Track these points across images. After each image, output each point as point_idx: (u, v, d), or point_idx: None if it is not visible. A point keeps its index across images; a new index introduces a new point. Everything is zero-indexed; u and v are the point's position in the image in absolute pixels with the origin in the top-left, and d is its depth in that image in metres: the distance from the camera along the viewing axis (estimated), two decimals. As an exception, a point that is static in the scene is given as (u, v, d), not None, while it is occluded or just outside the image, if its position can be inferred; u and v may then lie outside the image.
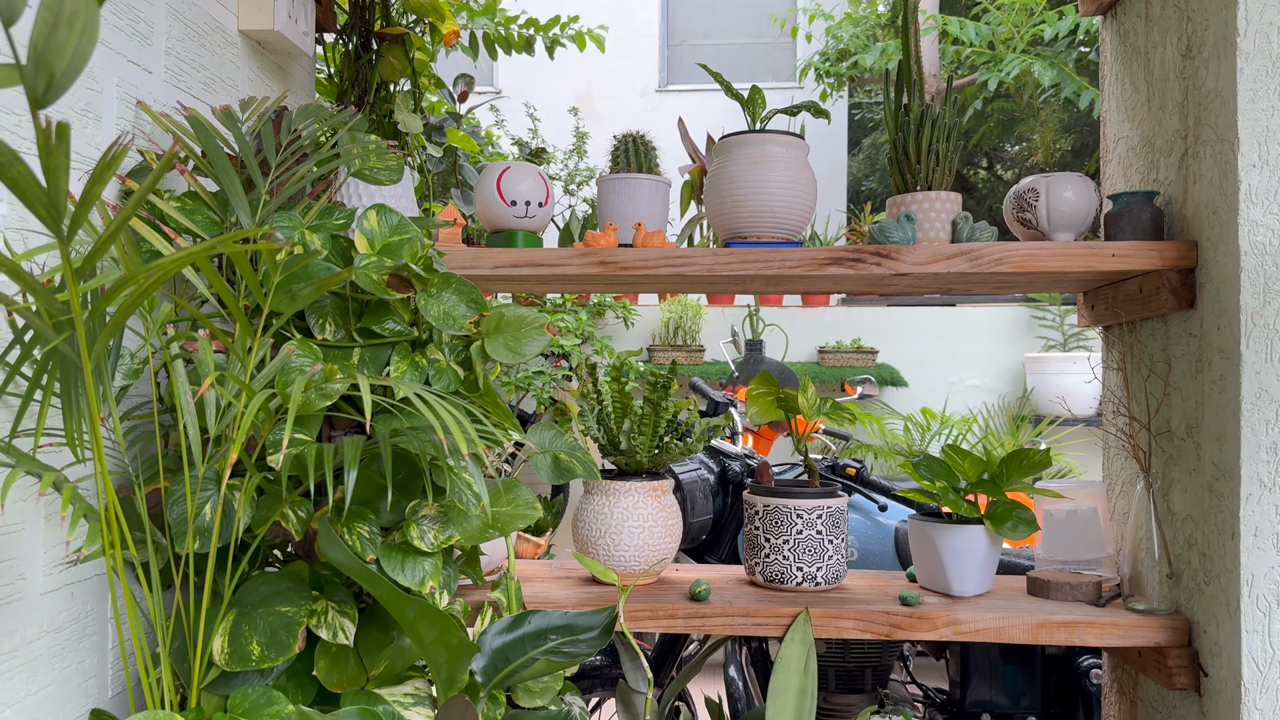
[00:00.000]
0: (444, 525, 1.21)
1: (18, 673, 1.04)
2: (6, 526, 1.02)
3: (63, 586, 1.12)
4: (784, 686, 1.44)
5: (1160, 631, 1.40)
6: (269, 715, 1.03)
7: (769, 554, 1.56)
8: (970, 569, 1.52)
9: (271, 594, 1.11)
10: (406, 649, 1.25)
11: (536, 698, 1.37)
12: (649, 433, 1.58)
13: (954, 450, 1.56)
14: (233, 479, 1.12)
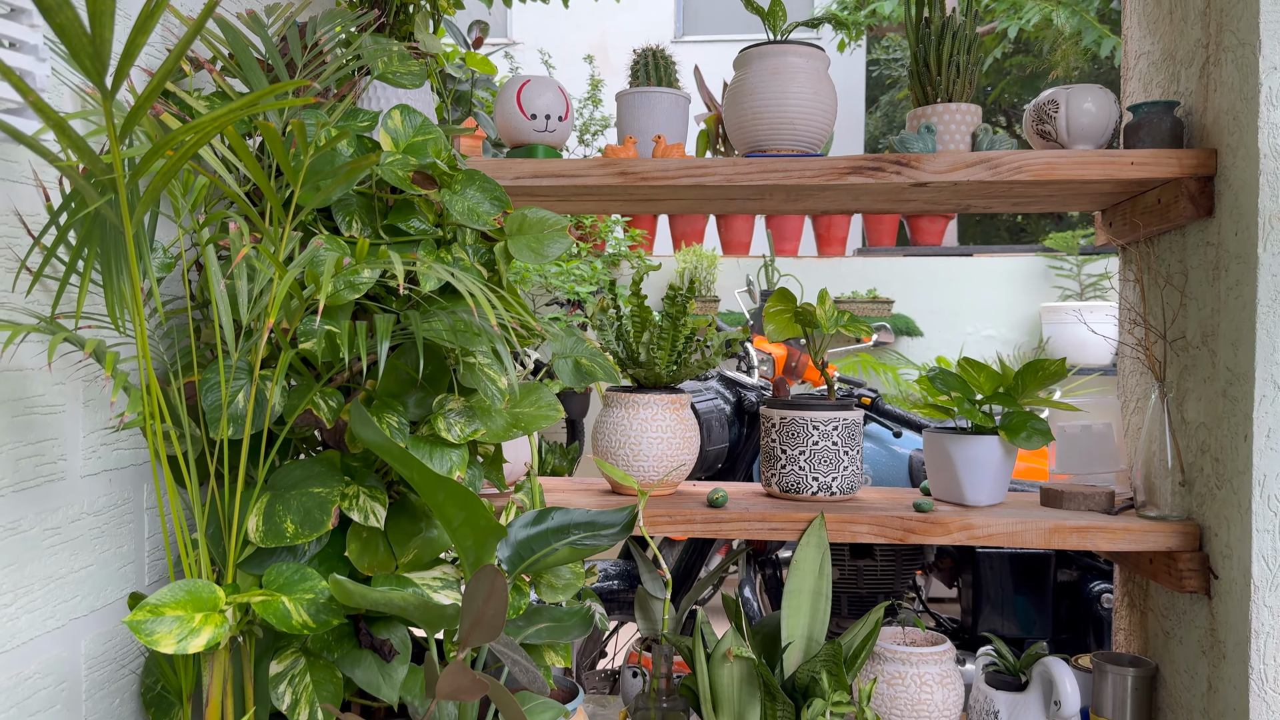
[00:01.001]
0: (470, 419, 1.24)
1: (62, 549, 1.08)
2: (49, 408, 1.06)
3: (101, 472, 1.15)
4: (798, 589, 1.47)
5: (1172, 536, 1.42)
6: (303, 590, 1.07)
7: (785, 465, 1.58)
8: (984, 479, 1.54)
9: (304, 478, 1.14)
10: (434, 539, 1.29)
11: (559, 593, 1.41)
12: (667, 347, 1.60)
13: (969, 364, 1.57)
14: (264, 369, 1.15)
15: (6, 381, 0.99)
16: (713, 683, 1.38)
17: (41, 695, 1.05)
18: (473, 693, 0.99)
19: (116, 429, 1.13)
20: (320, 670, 1.16)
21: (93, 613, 1.14)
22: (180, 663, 1.12)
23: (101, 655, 1.15)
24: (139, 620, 0.95)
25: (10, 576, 1.00)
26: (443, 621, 1.12)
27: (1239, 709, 1.32)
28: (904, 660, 1.60)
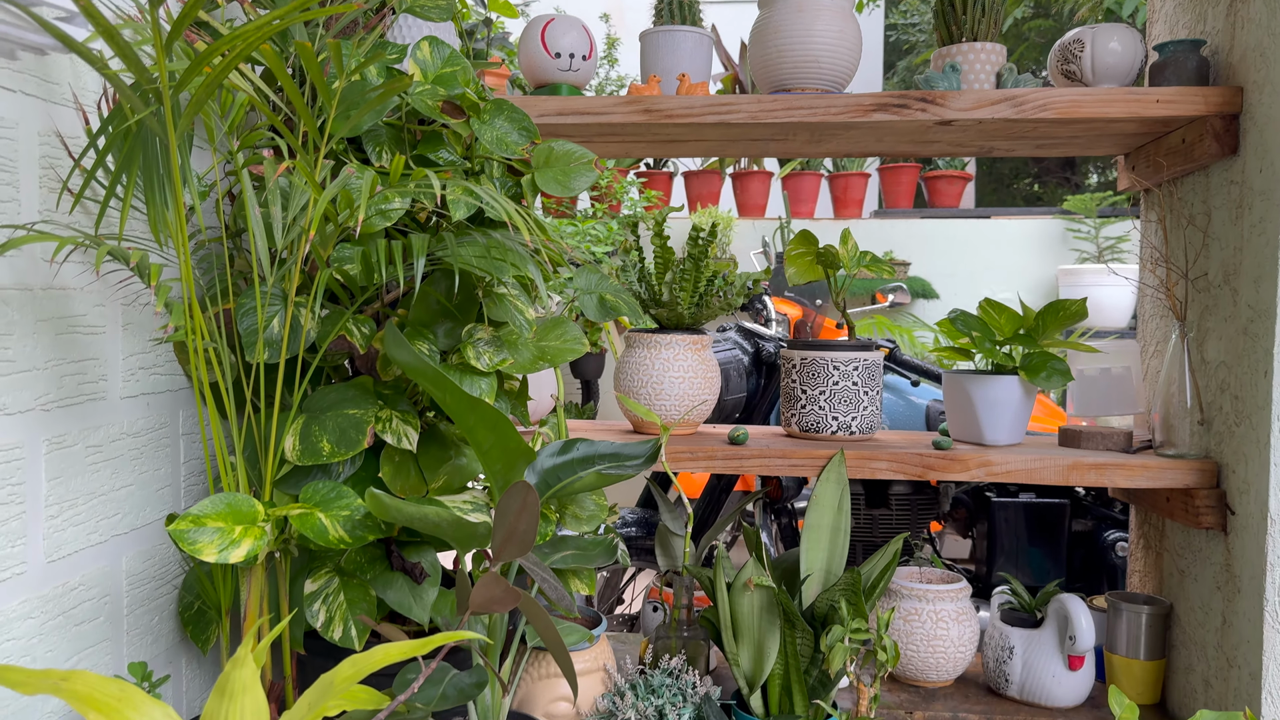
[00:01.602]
0: (498, 348, 1.26)
1: (104, 466, 1.11)
2: (90, 328, 1.08)
3: (139, 395, 1.18)
4: (818, 524, 1.49)
5: (1189, 474, 1.44)
6: (339, 507, 1.10)
7: (805, 405, 1.60)
8: (1003, 419, 1.56)
9: (339, 400, 1.17)
10: (464, 467, 1.32)
11: (583, 524, 1.43)
12: (689, 287, 1.61)
13: (990, 305, 1.58)
14: (298, 296, 1.17)
15: (51, 299, 1.01)
16: (733, 612, 1.41)
17: (86, 606, 1.08)
18: (506, 603, 1.02)
19: (160, 341, 1.16)
20: (354, 589, 1.19)
21: (133, 531, 1.17)
22: (219, 577, 1.16)
23: (141, 573, 1.19)
24: (182, 529, 0.98)
25: (56, 490, 1.03)
26: (474, 540, 1.15)
27: (1253, 641, 1.34)
28: (920, 597, 1.62)
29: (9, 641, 0.96)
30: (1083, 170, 11.51)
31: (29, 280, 0.98)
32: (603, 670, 1.44)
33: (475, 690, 1.10)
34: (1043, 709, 1.56)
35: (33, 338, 0.99)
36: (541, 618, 1.06)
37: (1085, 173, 11.44)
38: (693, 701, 1.35)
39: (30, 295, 0.98)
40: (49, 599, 1.02)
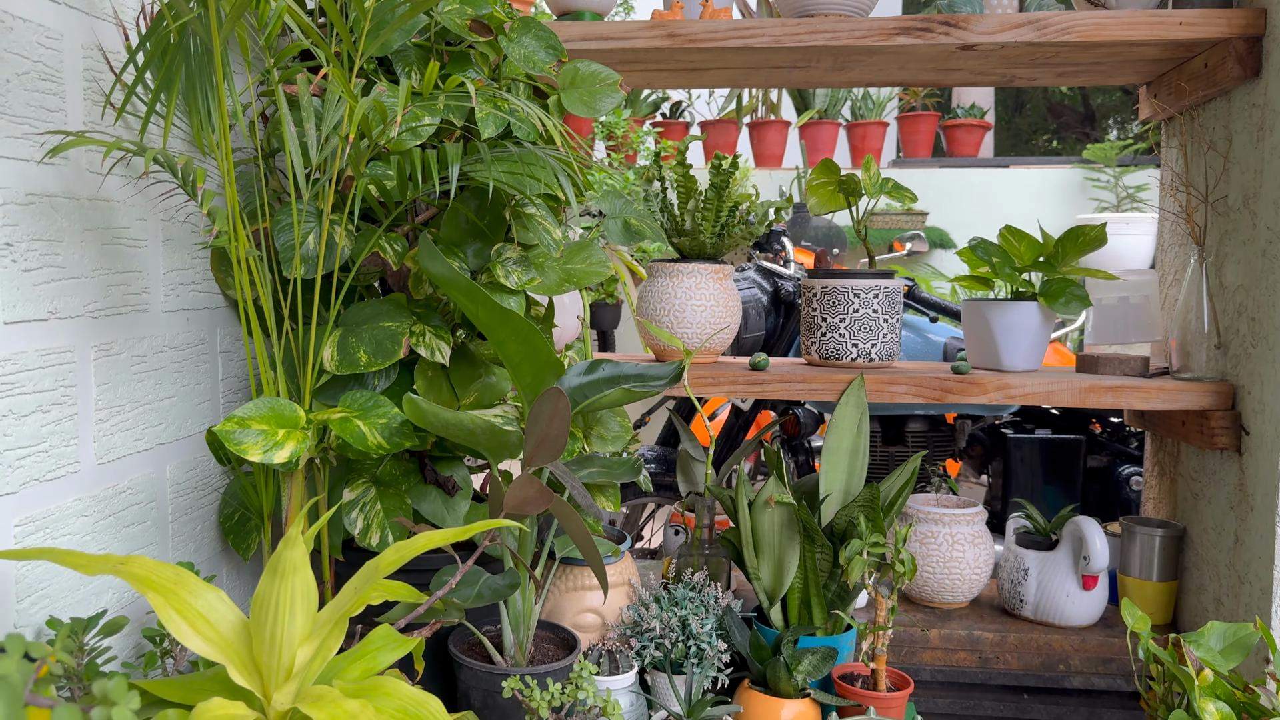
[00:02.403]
0: (526, 267, 1.29)
1: (148, 376, 1.15)
2: (133, 240, 1.11)
3: (180, 310, 1.22)
4: (837, 446, 1.52)
5: (1205, 396, 1.46)
6: (377, 415, 1.13)
7: (825, 333, 1.63)
8: (1021, 344, 1.58)
9: (374, 314, 1.20)
10: (494, 385, 1.35)
11: (608, 445, 1.47)
12: (711, 216, 1.63)
13: (1011, 232, 1.59)
14: (332, 214, 1.20)
15: (96, 210, 1.04)
16: (754, 529, 1.45)
17: (135, 510, 1.13)
18: (540, 503, 1.06)
19: (205, 246, 1.19)
20: (390, 499, 1.23)
21: (175, 441, 1.21)
22: (262, 482, 1.20)
23: (184, 482, 1.23)
24: (228, 430, 1.02)
25: (105, 395, 1.07)
26: (506, 449, 1.18)
27: (1264, 558, 1.37)
28: (937, 520, 1.66)
29: (65, 537, 1.01)
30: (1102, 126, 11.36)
31: (76, 190, 1.01)
32: (628, 584, 1.48)
33: (508, 590, 1.15)
34: (1056, 627, 1.60)
35: (80, 246, 1.02)
36: (573, 519, 1.10)
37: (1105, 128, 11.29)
38: (714, 613, 1.39)
39: (78, 204, 1.01)
40: (100, 499, 1.06)
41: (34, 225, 0.95)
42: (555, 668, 1.22)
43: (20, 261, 0.93)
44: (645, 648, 1.35)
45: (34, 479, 0.96)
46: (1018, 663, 1.56)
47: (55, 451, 0.99)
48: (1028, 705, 1.55)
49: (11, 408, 0.93)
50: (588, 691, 1.09)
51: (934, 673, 1.57)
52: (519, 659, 1.26)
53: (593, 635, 1.44)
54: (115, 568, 0.85)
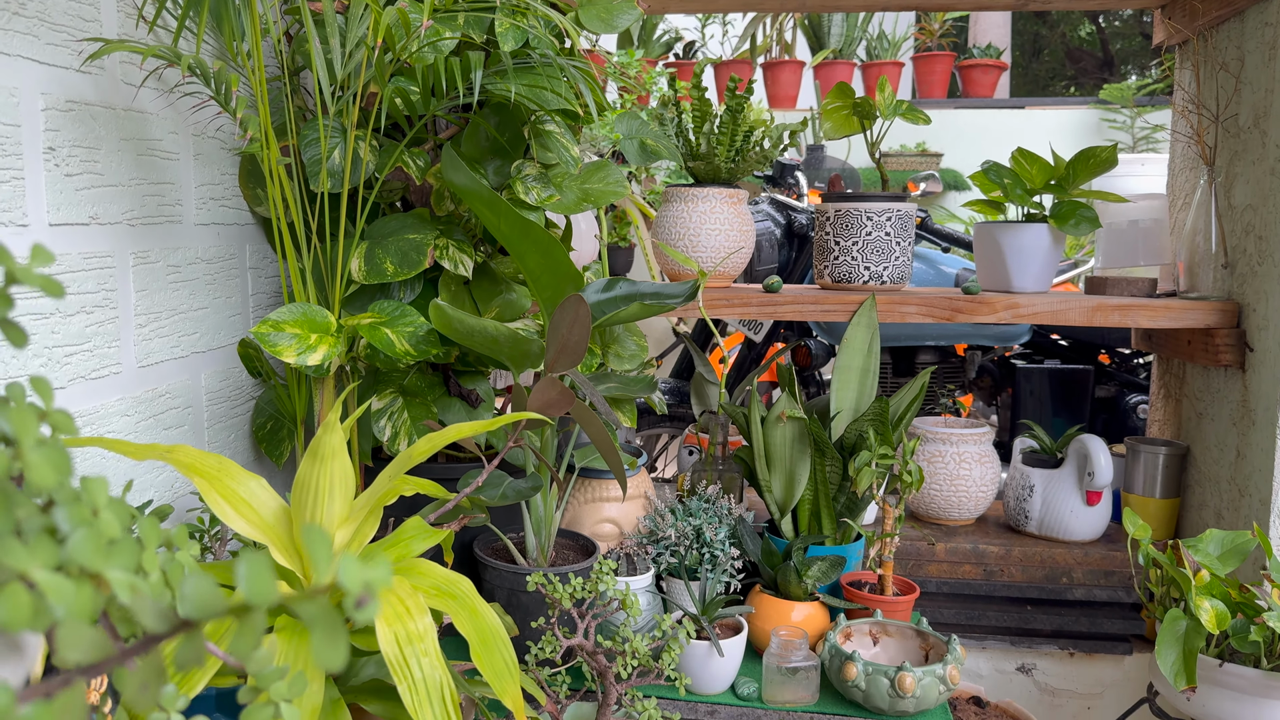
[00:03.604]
0: (545, 184, 1.32)
1: (183, 286, 1.19)
2: (166, 153, 1.15)
3: (211, 224, 1.25)
4: (848, 365, 1.56)
5: (1211, 314, 1.49)
6: (404, 324, 1.17)
7: (838, 256, 1.65)
8: (1031, 267, 1.60)
9: (399, 227, 1.24)
10: (514, 301, 1.39)
11: (625, 363, 1.51)
12: (726, 141, 1.65)
13: (1023, 154, 1.61)
14: (357, 130, 1.23)
15: (131, 121, 1.08)
16: (766, 444, 1.49)
17: (173, 414, 1.18)
18: (562, 405, 1.10)
19: (239, 152, 1.22)
20: (416, 407, 1.28)
21: (209, 351, 1.26)
22: (295, 389, 1.24)
23: (218, 391, 1.28)
24: (263, 332, 1.07)
25: (143, 301, 1.11)
26: (528, 358, 1.22)
27: (1264, 470, 1.41)
28: (944, 440, 1.70)
29: (109, 434, 1.06)
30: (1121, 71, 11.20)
31: (112, 100, 1.04)
32: (644, 497, 1.53)
33: (531, 491, 1.20)
34: (1059, 542, 1.65)
35: (117, 155, 1.06)
36: (594, 421, 1.14)
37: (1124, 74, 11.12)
38: (727, 523, 1.44)
39: (114, 114, 1.05)
40: (141, 400, 1.11)
41: (74, 131, 0.98)
42: (576, 568, 1.27)
43: (62, 166, 0.97)
44: (661, 555, 1.41)
45: (80, 376, 1.01)
46: (1021, 575, 1.61)
47: (99, 352, 1.04)
48: (1030, 616, 1.60)
49: (58, 307, 0.97)
50: (608, 585, 1.14)
51: (939, 585, 1.63)
52: (541, 561, 1.32)
53: (611, 544, 1.49)
54: (162, 455, 0.89)
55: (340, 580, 0.28)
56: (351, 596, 0.28)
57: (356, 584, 0.28)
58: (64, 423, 0.39)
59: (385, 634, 0.81)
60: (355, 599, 0.28)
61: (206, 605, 0.29)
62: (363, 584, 0.28)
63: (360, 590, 0.28)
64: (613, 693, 1.16)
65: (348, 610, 0.28)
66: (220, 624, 0.81)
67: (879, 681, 1.22)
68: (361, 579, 0.28)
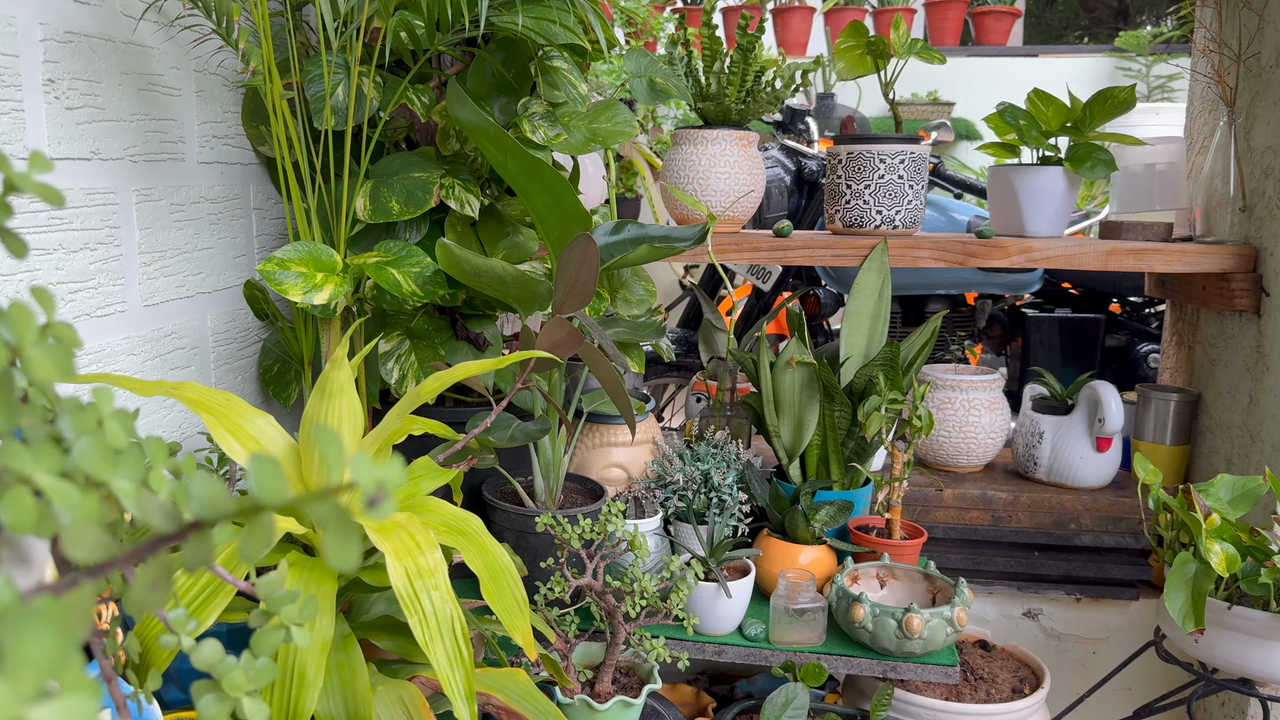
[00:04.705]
0: (553, 123, 1.29)
1: (187, 225, 1.18)
2: (167, 89, 1.13)
3: (214, 163, 1.24)
4: (858, 311, 1.54)
5: (1227, 258, 1.47)
6: (410, 264, 1.16)
7: (850, 200, 1.63)
8: (1045, 210, 1.58)
9: (404, 166, 1.22)
10: (521, 244, 1.37)
11: (633, 307, 1.50)
12: (737, 81, 1.62)
13: (1039, 96, 1.58)
14: (360, 66, 1.21)
15: (132, 54, 1.06)
16: (775, 389, 1.48)
17: (179, 354, 1.17)
18: (570, 346, 1.09)
19: (243, 85, 1.20)
20: (424, 350, 1.27)
21: (215, 291, 1.25)
22: (301, 329, 1.24)
23: (224, 332, 1.27)
24: (269, 270, 1.05)
25: (147, 239, 1.10)
26: (536, 300, 1.21)
27: (1277, 415, 1.40)
28: (954, 386, 1.69)
29: (115, 372, 1.05)
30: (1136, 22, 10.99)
31: (112, 32, 1.02)
32: (652, 442, 1.53)
33: (539, 433, 1.19)
34: (1068, 488, 1.64)
35: (118, 89, 1.04)
36: (602, 363, 1.13)
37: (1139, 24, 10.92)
38: (735, 468, 1.44)
39: (114, 47, 1.03)
40: (146, 340, 1.10)
41: (73, 64, 0.97)
42: (585, 510, 1.27)
43: (63, 99, 0.95)
44: (669, 499, 1.41)
45: (85, 314, 1.00)
46: (1029, 521, 1.61)
47: (104, 289, 1.03)
48: (1037, 561, 1.61)
49: (61, 243, 0.96)
50: (617, 526, 1.14)
51: (947, 530, 1.63)
52: (549, 504, 1.32)
53: (619, 489, 1.49)
54: (169, 390, 0.89)
55: (354, 476, 0.27)
56: (365, 494, 0.27)
57: (370, 481, 0.27)
58: (66, 334, 0.38)
59: (396, 569, 0.80)
60: (368, 496, 0.27)
61: (215, 505, 0.28)
62: (376, 482, 0.27)
63: (374, 488, 0.27)
64: (621, 632, 1.16)
65: (360, 509, 0.27)
66: (231, 549, 0.81)
67: (886, 623, 1.23)
68: (375, 476, 0.27)
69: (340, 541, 0.28)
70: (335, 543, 0.27)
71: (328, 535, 0.28)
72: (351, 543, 0.28)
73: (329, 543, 0.27)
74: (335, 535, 0.28)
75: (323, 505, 0.28)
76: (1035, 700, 1.33)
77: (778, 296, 2.55)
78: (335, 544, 0.27)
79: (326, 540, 0.28)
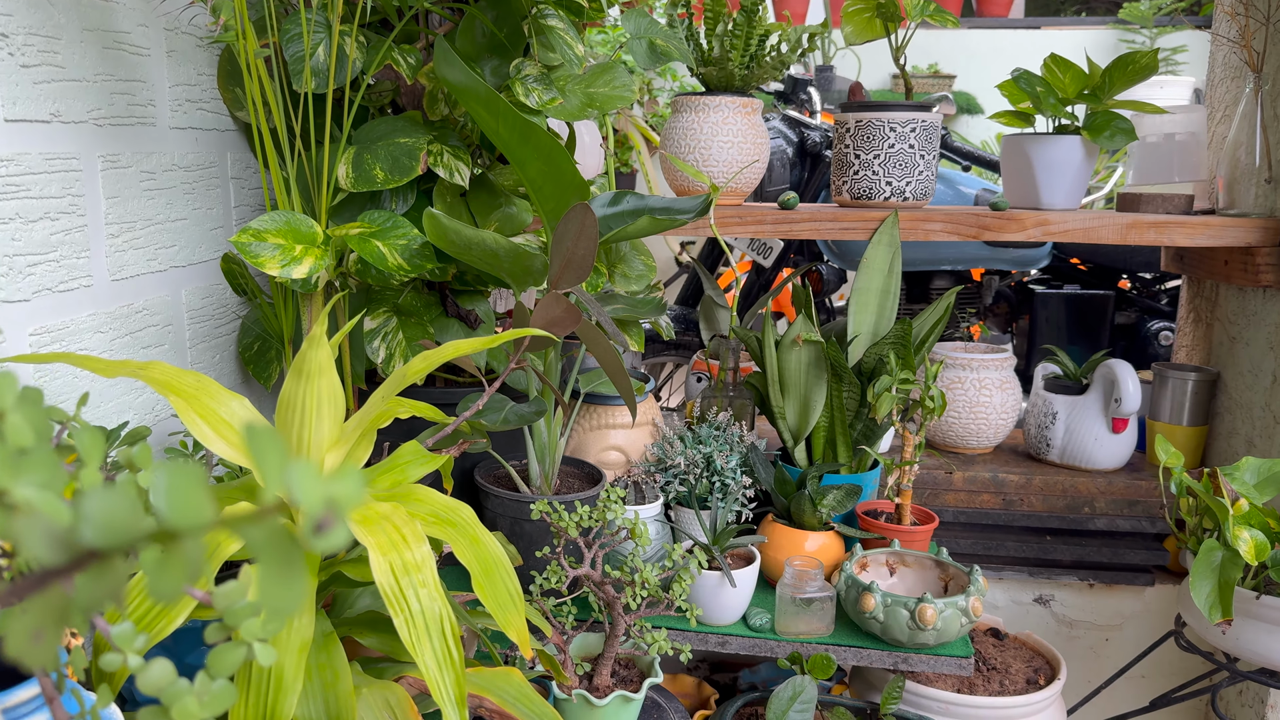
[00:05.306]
0: (547, 85, 1.22)
1: (158, 195, 1.11)
2: (135, 48, 1.05)
3: (188, 128, 1.16)
4: (866, 287, 1.48)
5: (1252, 232, 1.40)
6: (396, 235, 1.09)
7: (858, 170, 1.56)
8: (1062, 181, 1.51)
9: (389, 130, 1.15)
10: (514, 215, 1.30)
11: (632, 283, 1.43)
12: (740, 45, 1.55)
13: (1056, 61, 1.51)
14: (343, 25, 1.13)
15: (94, 10, 0.98)
16: (780, 368, 1.42)
17: (151, 331, 1.10)
18: (567, 323, 1.03)
19: (212, 41, 1.13)
20: (412, 327, 1.20)
21: (190, 265, 1.18)
22: (281, 306, 1.17)
23: (201, 309, 1.20)
24: (243, 242, 0.98)
25: (115, 209, 1.03)
26: (530, 275, 1.14)
27: (1303, 396, 1.34)
28: (965, 365, 1.63)
29: (80, 351, 0.99)
30: (1136, -6, 10.88)
31: (71, -16, 0.95)
32: (651, 424, 1.47)
33: (534, 416, 1.13)
34: (1082, 471, 1.59)
35: (80, 47, 0.96)
36: (601, 341, 1.07)
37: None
38: (739, 450, 1.38)
39: (74, 0, 0.95)
40: (115, 317, 1.04)
41: (29, 18, 0.89)
42: (582, 496, 1.21)
43: (18, 55, 0.88)
44: (670, 483, 1.35)
45: (46, 288, 0.93)
46: (1042, 505, 1.56)
47: (67, 262, 0.96)
48: (1050, 546, 1.55)
49: (18, 211, 0.89)
50: (616, 513, 1.08)
51: (956, 514, 1.57)
52: (545, 489, 1.26)
53: (618, 472, 1.43)
54: (135, 371, 0.82)
55: (293, 495, 0.20)
56: (310, 516, 0.21)
57: (315, 500, 0.21)
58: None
59: (380, 564, 0.74)
60: (314, 520, 0.21)
61: (116, 528, 0.21)
62: (324, 500, 0.21)
63: (321, 509, 0.21)
64: (620, 623, 1.11)
65: (306, 537, 0.21)
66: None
67: (898, 613, 1.17)
68: (321, 494, 0.21)
69: (279, 578, 0.21)
70: (273, 580, 0.21)
71: (262, 569, 0.21)
72: (292, 580, 0.21)
73: (264, 580, 0.21)
74: (272, 570, 0.21)
75: (258, 530, 0.22)
76: (1051, 692, 1.28)
77: (778, 274, 2.48)
78: (273, 581, 0.21)
79: (261, 576, 0.21)
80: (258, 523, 0.21)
